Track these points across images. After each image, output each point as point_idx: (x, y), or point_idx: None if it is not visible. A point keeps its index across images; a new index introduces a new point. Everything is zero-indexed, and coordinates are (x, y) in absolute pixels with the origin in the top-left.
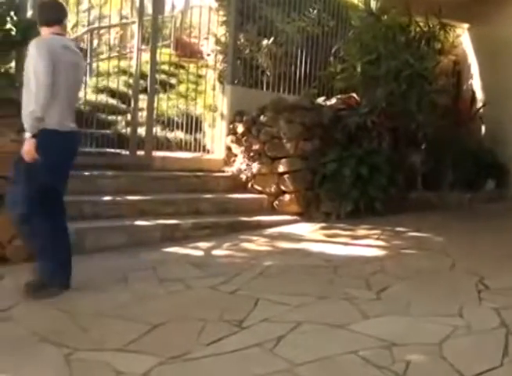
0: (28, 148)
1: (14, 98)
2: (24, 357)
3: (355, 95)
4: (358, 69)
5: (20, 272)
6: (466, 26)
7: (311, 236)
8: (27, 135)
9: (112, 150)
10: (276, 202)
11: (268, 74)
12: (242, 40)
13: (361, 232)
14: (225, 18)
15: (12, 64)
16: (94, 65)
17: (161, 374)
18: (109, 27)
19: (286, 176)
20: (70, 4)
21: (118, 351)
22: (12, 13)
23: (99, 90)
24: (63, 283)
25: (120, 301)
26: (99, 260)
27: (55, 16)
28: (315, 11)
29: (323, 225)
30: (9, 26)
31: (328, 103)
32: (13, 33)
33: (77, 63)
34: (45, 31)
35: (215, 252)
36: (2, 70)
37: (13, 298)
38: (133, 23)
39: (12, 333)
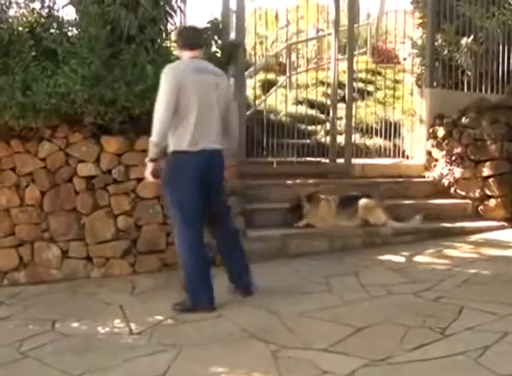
0: (146, 172)
1: None
2: (235, 350)
3: None
4: None
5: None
6: None
7: None
8: (146, 159)
9: (312, 159)
10: (481, 207)
11: (469, 73)
12: (439, 41)
13: None
14: (421, 20)
15: None
16: (293, 78)
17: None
18: (307, 40)
19: (491, 180)
20: (269, 22)
21: (323, 351)
22: (216, 37)
23: (298, 102)
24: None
25: (324, 303)
26: (302, 264)
27: (196, 40)
28: None
29: None
30: (214, 48)
31: None
32: (218, 55)
33: (213, 83)
34: (185, 55)
35: (417, 258)
36: None
37: (224, 297)
38: (329, 34)
39: (224, 328)
